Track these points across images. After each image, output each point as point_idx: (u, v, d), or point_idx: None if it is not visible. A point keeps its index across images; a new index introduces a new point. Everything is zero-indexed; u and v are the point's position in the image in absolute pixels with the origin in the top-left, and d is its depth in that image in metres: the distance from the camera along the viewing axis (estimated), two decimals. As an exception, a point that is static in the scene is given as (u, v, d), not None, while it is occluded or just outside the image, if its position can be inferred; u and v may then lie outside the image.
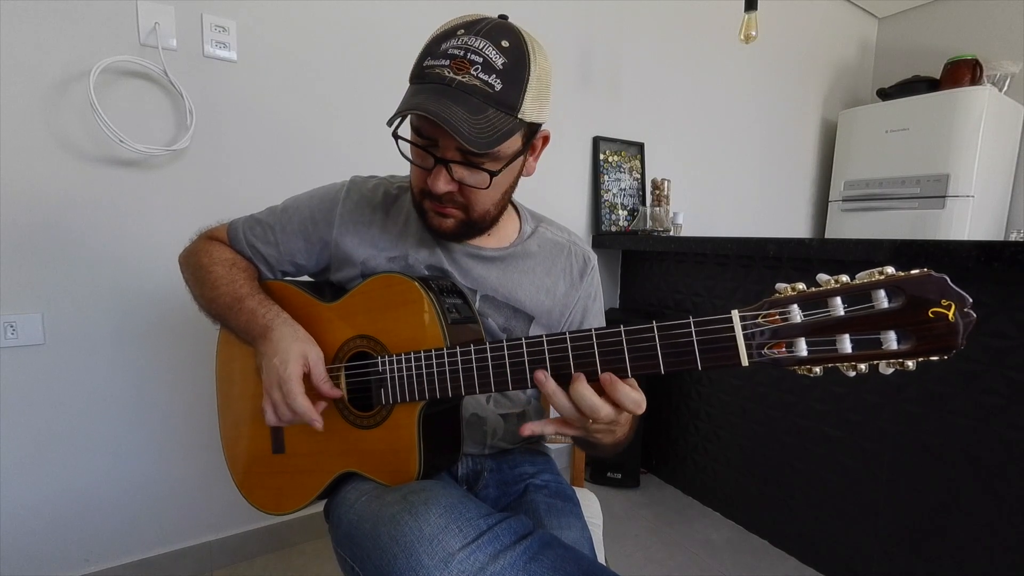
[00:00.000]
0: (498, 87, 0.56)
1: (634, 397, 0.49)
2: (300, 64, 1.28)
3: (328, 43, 1.31)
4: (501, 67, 0.56)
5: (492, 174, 0.61)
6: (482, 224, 0.68)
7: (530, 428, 0.53)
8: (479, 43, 0.56)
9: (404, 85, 0.61)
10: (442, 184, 0.60)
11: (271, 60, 1.24)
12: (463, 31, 0.57)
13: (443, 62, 0.56)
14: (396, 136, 0.61)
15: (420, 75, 0.58)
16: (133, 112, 1.10)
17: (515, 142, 0.61)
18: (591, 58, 1.79)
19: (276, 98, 1.26)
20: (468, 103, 0.55)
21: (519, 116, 0.58)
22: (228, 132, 1.21)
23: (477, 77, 0.55)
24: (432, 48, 0.58)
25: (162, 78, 1.11)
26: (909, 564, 1.18)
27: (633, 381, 0.50)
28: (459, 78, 0.55)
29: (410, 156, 0.64)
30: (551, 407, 0.52)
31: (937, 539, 1.14)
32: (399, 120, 0.58)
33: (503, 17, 0.61)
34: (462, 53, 0.56)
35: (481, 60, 0.55)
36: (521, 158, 0.65)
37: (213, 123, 1.19)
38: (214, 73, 1.18)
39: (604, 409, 0.48)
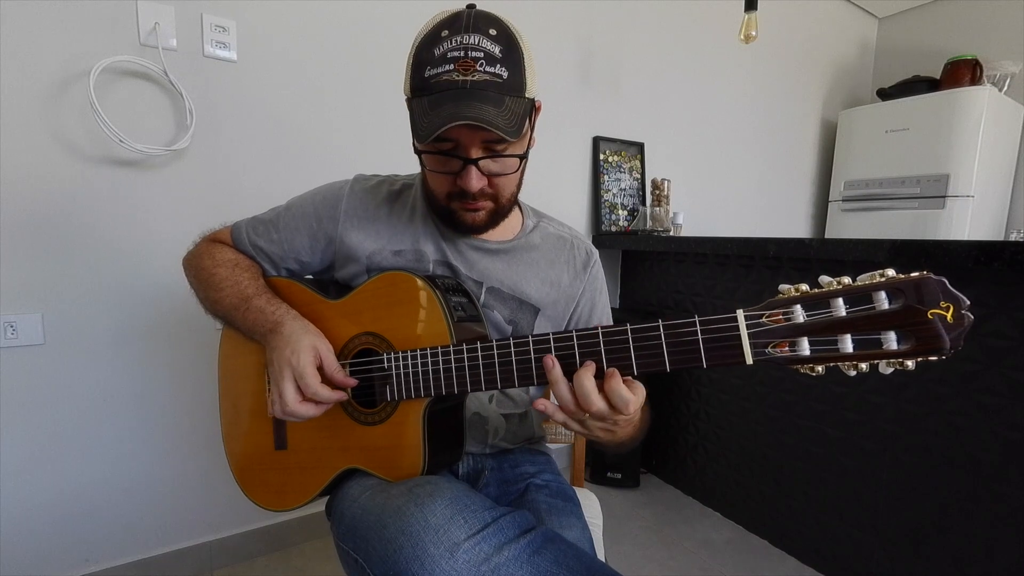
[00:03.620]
0: (506, 75, 0.57)
1: (622, 394, 0.47)
2: (300, 64, 1.28)
3: (328, 43, 1.31)
4: (501, 55, 0.57)
5: (521, 157, 0.63)
6: (508, 208, 0.70)
7: (543, 403, 0.52)
8: (473, 39, 0.56)
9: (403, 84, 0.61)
10: (475, 181, 0.61)
11: (271, 60, 1.24)
12: (447, 31, 0.57)
13: (447, 67, 0.56)
14: (423, 152, 0.61)
15: (426, 87, 0.57)
16: (133, 112, 1.10)
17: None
18: (591, 58, 1.79)
19: (276, 98, 1.26)
20: (488, 98, 0.55)
21: (526, 95, 0.59)
22: (228, 132, 1.21)
23: (485, 71, 0.56)
24: (424, 57, 0.57)
25: (162, 78, 1.11)
26: (909, 564, 1.19)
27: (636, 383, 0.50)
28: (470, 78, 0.55)
29: (431, 166, 0.63)
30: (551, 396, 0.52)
31: (937, 539, 1.14)
32: (433, 138, 0.56)
33: (471, 7, 0.61)
34: (462, 53, 0.55)
35: (482, 54, 0.56)
36: (531, 133, 0.66)
37: (213, 123, 1.19)
38: (214, 73, 1.18)
39: (598, 403, 0.48)
